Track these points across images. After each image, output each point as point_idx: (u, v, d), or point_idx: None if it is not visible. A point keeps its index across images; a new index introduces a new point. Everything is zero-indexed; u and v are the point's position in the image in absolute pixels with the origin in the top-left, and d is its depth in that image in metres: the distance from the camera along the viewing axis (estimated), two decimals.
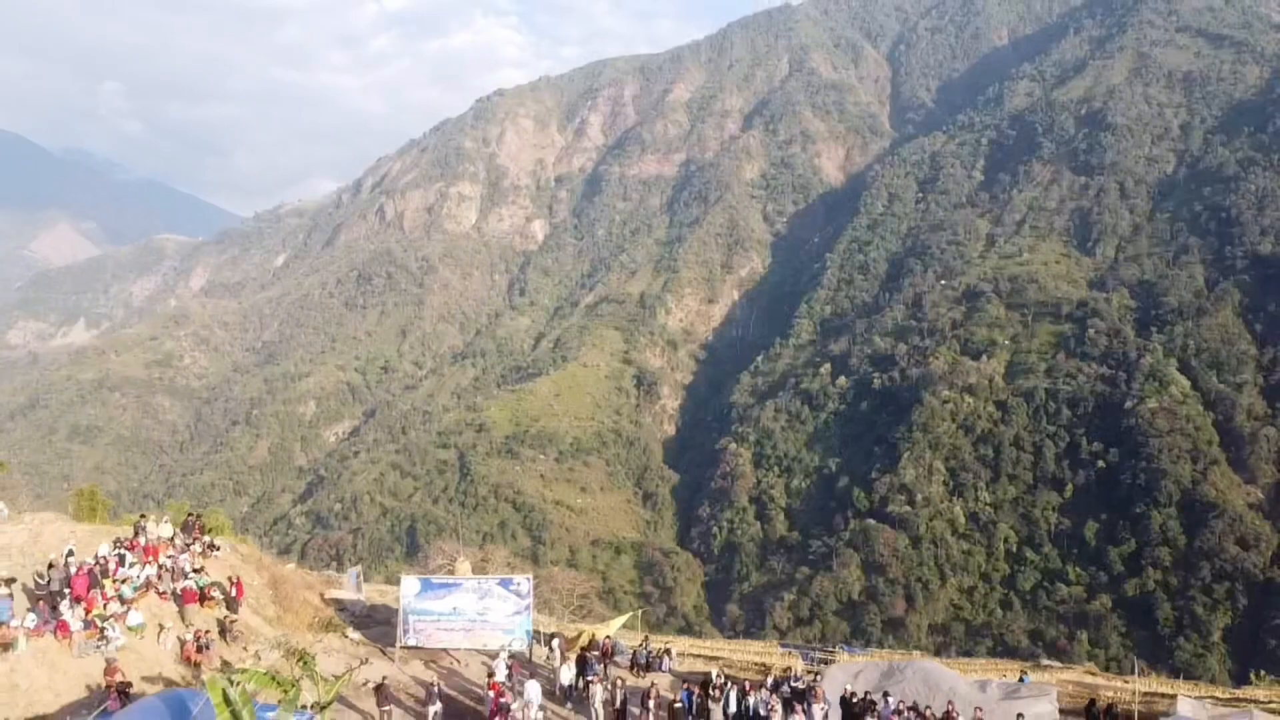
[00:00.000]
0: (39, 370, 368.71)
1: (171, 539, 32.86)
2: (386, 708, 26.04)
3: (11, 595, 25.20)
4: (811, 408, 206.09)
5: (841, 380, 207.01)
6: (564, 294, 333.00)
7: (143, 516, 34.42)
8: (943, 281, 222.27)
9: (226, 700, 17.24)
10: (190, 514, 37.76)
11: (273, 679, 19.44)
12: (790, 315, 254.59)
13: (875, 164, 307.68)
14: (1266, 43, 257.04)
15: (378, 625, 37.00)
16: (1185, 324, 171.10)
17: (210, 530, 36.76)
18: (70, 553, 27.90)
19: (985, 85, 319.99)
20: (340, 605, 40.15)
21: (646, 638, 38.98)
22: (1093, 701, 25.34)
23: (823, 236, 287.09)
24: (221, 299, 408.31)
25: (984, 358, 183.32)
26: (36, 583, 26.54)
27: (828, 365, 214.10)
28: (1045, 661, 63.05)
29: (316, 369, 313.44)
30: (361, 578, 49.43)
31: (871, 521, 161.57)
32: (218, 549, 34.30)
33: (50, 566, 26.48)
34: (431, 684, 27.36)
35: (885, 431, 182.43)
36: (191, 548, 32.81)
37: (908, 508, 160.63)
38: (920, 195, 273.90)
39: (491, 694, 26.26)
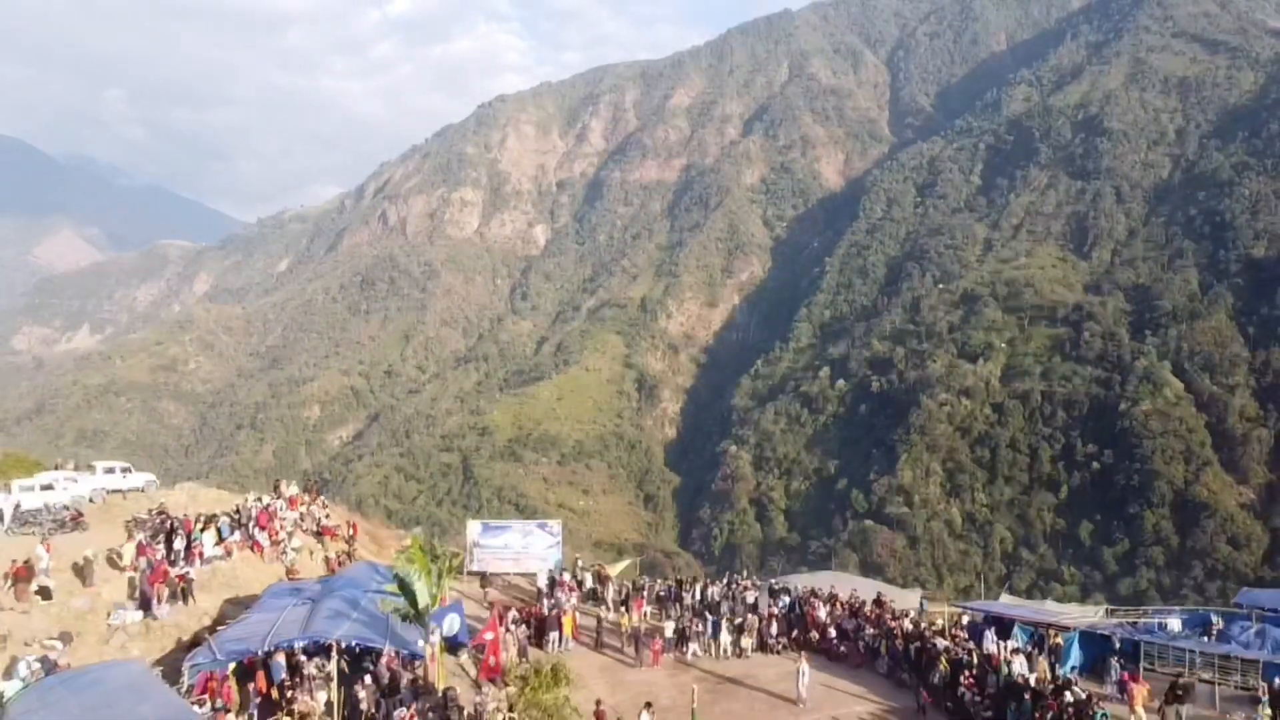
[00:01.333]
0: (45, 375, 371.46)
1: (300, 495, 45.38)
2: (487, 589, 40.83)
3: (217, 526, 36.71)
4: (811, 411, 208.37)
5: (841, 383, 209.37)
6: (566, 298, 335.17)
7: (278, 481, 49.08)
8: (940, 285, 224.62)
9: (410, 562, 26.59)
10: (309, 479, 56.54)
11: (421, 549, 27.76)
12: (790, 319, 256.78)
13: (874, 169, 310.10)
14: (1261, 48, 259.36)
15: None
16: (1179, 327, 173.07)
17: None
18: (255, 499, 42.25)
19: (983, 90, 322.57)
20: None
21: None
22: (1173, 684, 26.66)
23: (822, 241, 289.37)
24: (225, 304, 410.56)
25: (981, 361, 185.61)
26: (233, 518, 38.34)
27: (827, 369, 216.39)
28: None
29: (320, 373, 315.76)
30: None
31: (870, 523, 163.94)
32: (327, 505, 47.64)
33: (236, 511, 39.51)
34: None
35: (884, 434, 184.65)
36: (318, 499, 46.87)
37: (905, 509, 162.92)
38: (919, 200, 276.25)
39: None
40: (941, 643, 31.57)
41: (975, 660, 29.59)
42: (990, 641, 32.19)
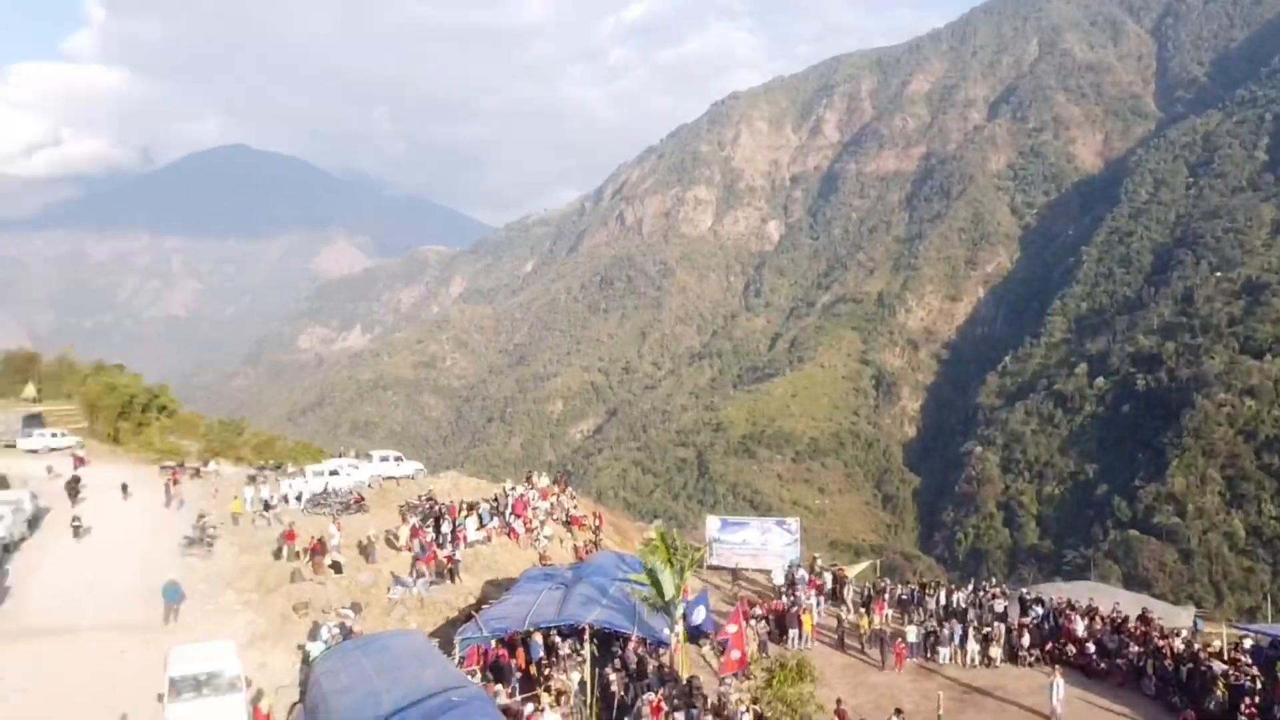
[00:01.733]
0: (324, 371, 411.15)
1: (551, 486, 48.82)
2: (739, 583, 43.10)
3: (479, 513, 40.68)
4: (1065, 410, 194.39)
5: (1100, 381, 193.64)
6: (800, 294, 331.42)
7: (531, 472, 54.25)
8: (1219, 273, 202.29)
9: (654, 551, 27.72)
10: (558, 472, 60.99)
11: (663, 541, 28.19)
12: (1041, 312, 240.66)
13: (1138, 148, 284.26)
14: None
15: None
16: None
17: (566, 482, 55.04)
18: (508, 489, 46.80)
19: (1269, 55, 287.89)
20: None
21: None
22: None
23: (1078, 228, 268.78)
24: (477, 305, 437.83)
25: (1268, 357, 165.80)
26: (492, 506, 42.36)
27: (1084, 365, 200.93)
28: None
29: (563, 369, 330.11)
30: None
31: (1134, 532, 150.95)
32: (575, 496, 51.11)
33: (495, 499, 43.57)
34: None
35: (1151, 436, 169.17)
36: (567, 491, 50.31)
37: (1177, 519, 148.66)
38: (1191, 180, 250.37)
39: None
40: (1219, 666, 28.49)
41: (1260, 687, 26.40)
42: None
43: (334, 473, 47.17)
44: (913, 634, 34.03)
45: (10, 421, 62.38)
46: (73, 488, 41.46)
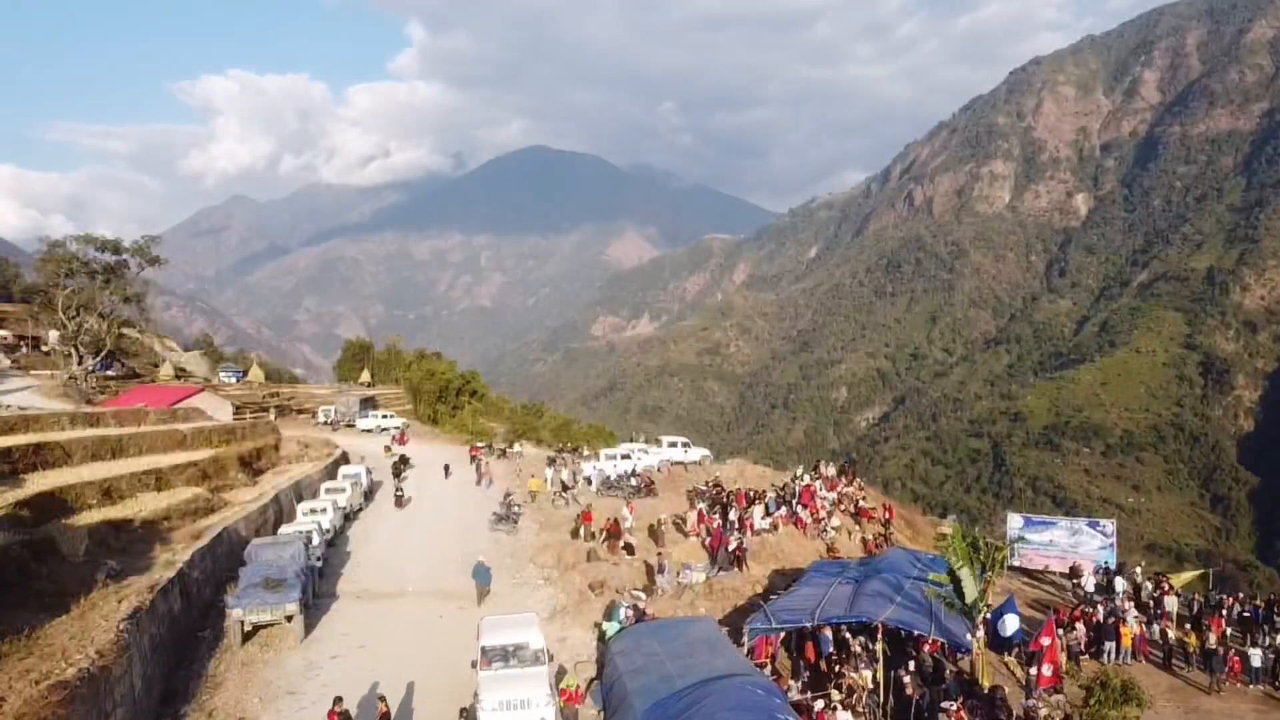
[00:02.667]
0: (615, 358, 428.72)
1: (837, 475, 48.02)
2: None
3: (765, 501, 40.56)
4: None
5: None
6: (1111, 273, 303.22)
7: (819, 461, 53.61)
8: None
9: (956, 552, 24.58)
10: (845, 460, 57.92)
11: (962, 539, 25.16)
12: None
13: None
14: None
15: None
16: None
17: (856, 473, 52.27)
18: (794, 477, 47.42)
19: None
20: None
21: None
22: None
23: None
24: (760, 291, 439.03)
25: None
26: (778, 493, 42.34)
27: None
28: None
29: (848, 356, 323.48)
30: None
31: None
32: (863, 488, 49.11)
33: (784, 486, 44.14)
34: None
35: None
36: (855, 482, 48.41)
37: None
38: None
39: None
40: None
41: None
42: None
43: (626, 457, 50.00)
44: (1257, 658, 29.21)
45: (351, 404, 71.52)
46: (397, 467, 47.48)
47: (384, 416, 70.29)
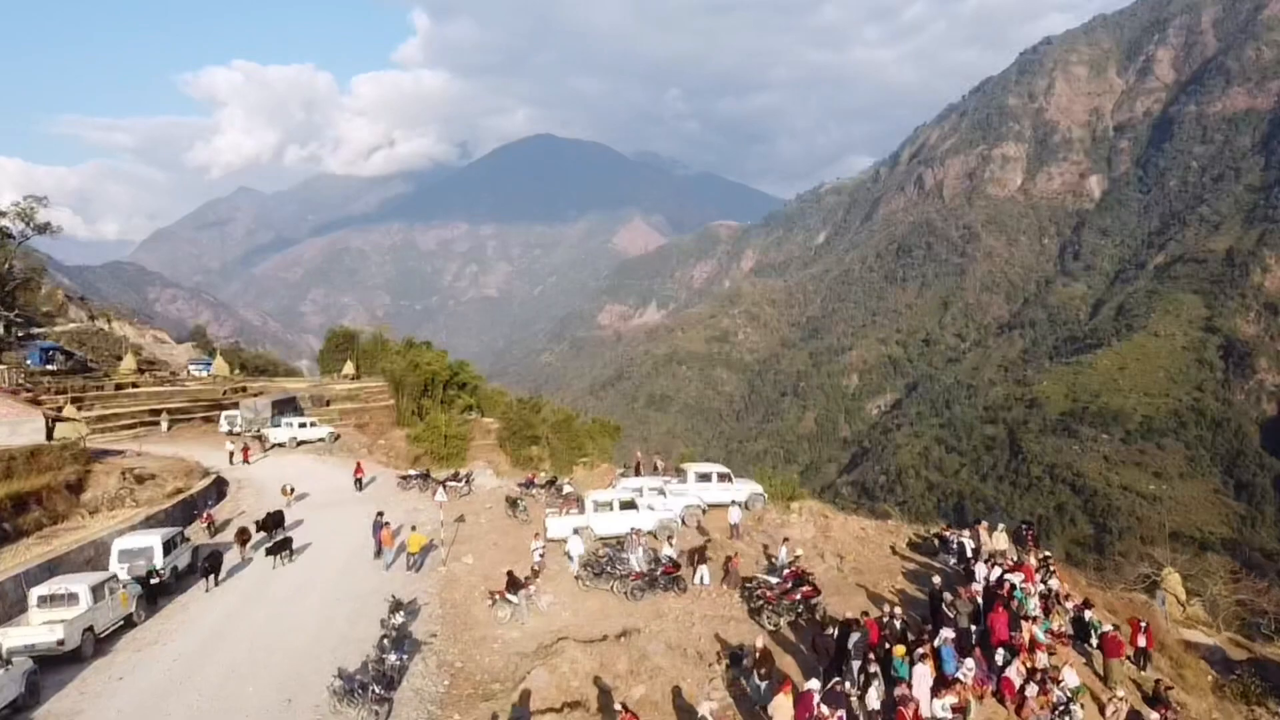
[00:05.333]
0: (622, 346, 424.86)
1: (1022, 551, 32.80)
2: None
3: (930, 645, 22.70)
4: None
5: None
6: (1127, 255, 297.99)
7: (975, 523, 34.53)
8: None
9: None
10: (1024, 522, 39.77)
11: None
12: None
13: None
14: None
15: None
16: None
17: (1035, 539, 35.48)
18: (941, 541, 34.31)
19: None
20: None
21: None
22: None
23: None
24: (768, 278, 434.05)
25: None
26: (940, 599, 24.83)
27: None
28: None
29: (858, 342, 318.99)
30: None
31: None
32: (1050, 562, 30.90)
33: (939, 587, 25.33)
34: None
35: None
36: (1047, 565, 29.90)
37: None
38: None
39: None
40: None
41: None
42: None
43: (629, 505, 33.51)
44: None
45: (260, 408, 56.73)
46: (254, 529, 32.98)
47: (302, 425, 55.56)
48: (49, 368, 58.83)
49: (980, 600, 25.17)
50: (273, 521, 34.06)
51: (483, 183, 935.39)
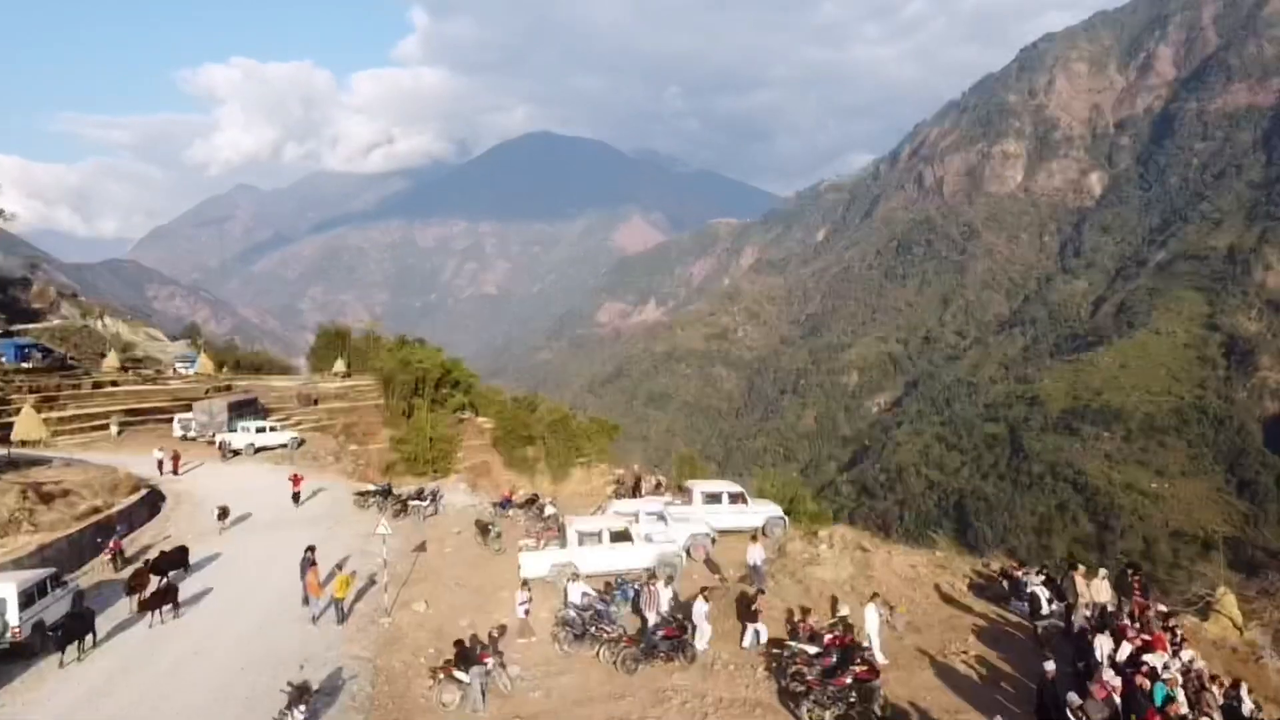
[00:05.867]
0: (621, 344, 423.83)
1: (1126, 599, 24.07)
2: None
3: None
4: None
5: None
6: (1128, 252, 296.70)
7: (1070, 565, 25.82)
8: None
9: None
10: (1128, 565, 27.63)
11: None
12: None
13: None
14: None
15: None
16: None
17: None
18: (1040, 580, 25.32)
19: None
20: None
21: None
22: None
23: None
24: (768, 276, 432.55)
25: None
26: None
27: None
28: None
29: (858, 340, 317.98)
30: None
31: None
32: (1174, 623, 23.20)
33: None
34: None
35: None
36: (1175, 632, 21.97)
37: None
38: None
39: None
40: None
41: None
42: None
43: (622, 536, 27.69)
44: None
45: (216, 410, 50.97)
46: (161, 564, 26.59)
47: (261, 429, 49.91)
48: (24, 365, 56.76)
49: (1119, 700, 17.39)
50: (169, 562, 26.94)
51: (482, 180, 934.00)
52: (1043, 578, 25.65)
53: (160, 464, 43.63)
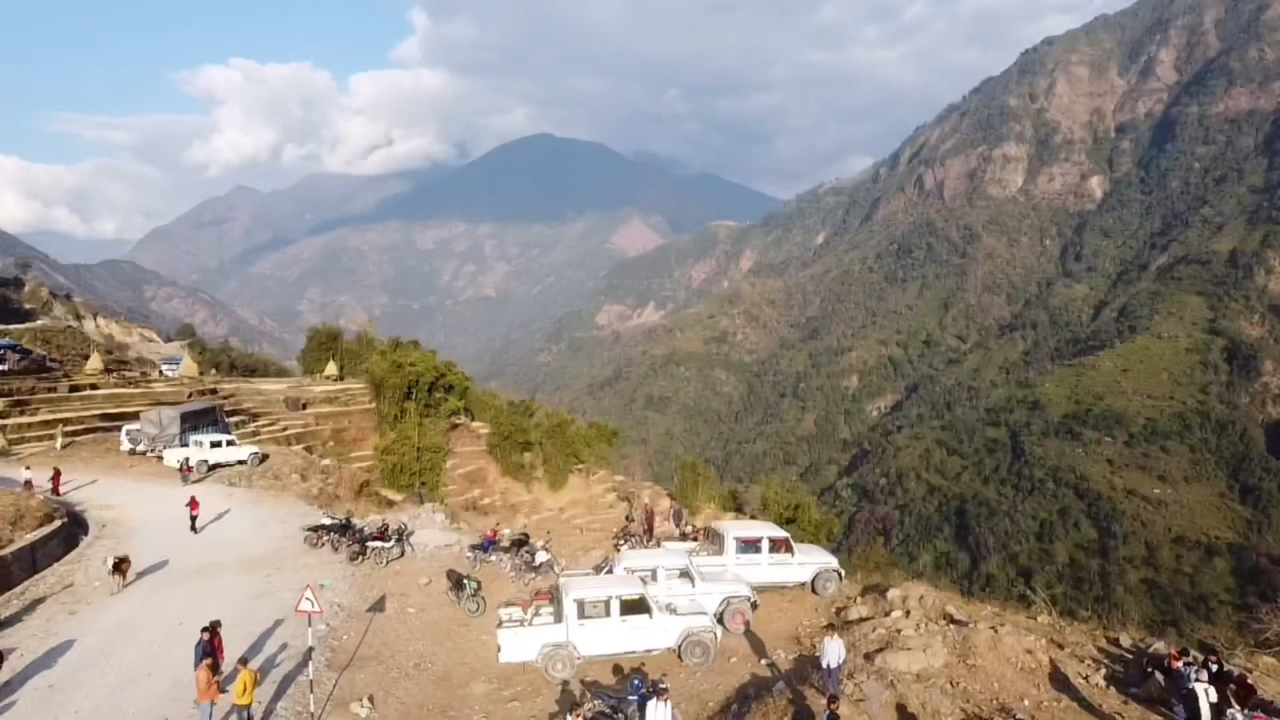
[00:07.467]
0: (620, 347, 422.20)
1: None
2: None
3: None
4: None
5: None
6: (1129, 256, 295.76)
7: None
8: None
9: None
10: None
11: None
12: None
13: None
14: None
15: None
16: None
17: None
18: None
19: None
20: None
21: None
22: None
23: None
24: (768, 278, 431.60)
25: None
26: None
27: None
28: None
29: (858, 343, 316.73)
30: None
31: None
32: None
33: None
34: None
35: None
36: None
37: None
38: None
39: None
40: None
41: None
42: None
43: (637, 605, 20.32)
44: None
45: (166, 420, 43.14)
46: None
47: (215, 444, 42.19)
48: (1, 367, 54.73)
49: None
50: None
51: (481, 182, 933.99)
52: (1210, 671, 17.33)
53: (28, 483, 34.25)
